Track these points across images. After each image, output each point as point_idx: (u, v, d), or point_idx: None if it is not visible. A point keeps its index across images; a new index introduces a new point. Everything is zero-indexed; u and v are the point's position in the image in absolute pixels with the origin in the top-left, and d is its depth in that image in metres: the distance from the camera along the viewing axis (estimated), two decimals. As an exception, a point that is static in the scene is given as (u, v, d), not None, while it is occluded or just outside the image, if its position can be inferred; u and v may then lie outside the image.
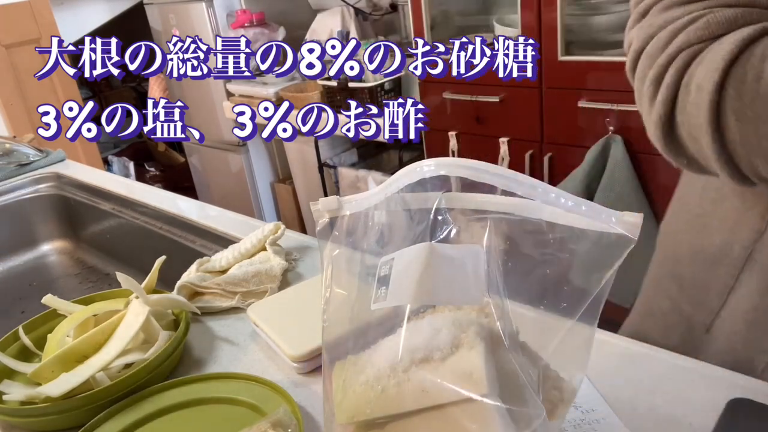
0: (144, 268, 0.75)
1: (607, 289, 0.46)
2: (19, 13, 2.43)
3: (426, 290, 0.43)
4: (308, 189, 2.63)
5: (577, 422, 0.50)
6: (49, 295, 0.70)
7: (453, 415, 0.39)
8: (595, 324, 0.47)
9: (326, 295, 0.47)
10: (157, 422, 0.57)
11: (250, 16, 2.53)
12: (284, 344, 0.62)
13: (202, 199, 3.15)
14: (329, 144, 2.43)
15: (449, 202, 0.46)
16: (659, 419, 0.51)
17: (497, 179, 0.44)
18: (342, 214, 0.48)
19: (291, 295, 0.72)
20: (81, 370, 0.60)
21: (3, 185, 1.31)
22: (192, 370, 0.66)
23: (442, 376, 0.40)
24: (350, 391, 0.43)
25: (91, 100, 3.21)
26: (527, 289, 0.47)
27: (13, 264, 1.27)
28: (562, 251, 0.45)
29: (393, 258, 0.46)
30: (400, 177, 0.46)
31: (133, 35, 1.10)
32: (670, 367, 0.56)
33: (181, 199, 1.16)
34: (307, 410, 0.57)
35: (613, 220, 0.44)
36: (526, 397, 0.41)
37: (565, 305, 0.46)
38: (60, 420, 0.58)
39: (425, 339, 0.42)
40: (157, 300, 0.68)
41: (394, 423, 0.42)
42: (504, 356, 0.43)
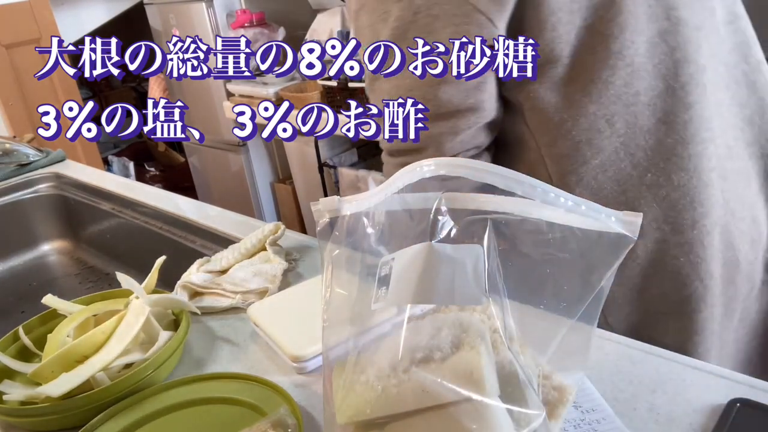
0: (144, 268, 0.75)
1: (606, 288, 0.46)
2: (19, 13, 2.43)
3: (426, 290, 0.43)
4: (308, 189, 2.63)
5: (577, 422, 0.50)
6: (49, 295, 0.70)
7: (453, 415, 0.39)
8: (594, 324, 0.47)
9: (326, 295, 0.47)
10: (157, 422, 0.57)
11: (250, 16, 2.53)
12: (284, 344, 0.62)
13: (202, 199, 3.15)
14: (329, 144, 2.43)
15: (449, 202, 0.46)
16: (659, 419, 0.51)
17: (497, 179, 0.44)
18: (342, 214, 0.48)
19: (291, 295, 0.72)
20: (81, 370, 0.60)
21: (3, 185, 1.31)
22: (192, 370, 0.66)
23: (443, 376, 0.40)
24: (350, 391, 0.43)
25: (91, 100, 3.21)
26: (527, 289, 0.47)
27: (13, 264, 1.27)
28: (562, 251, 0.45)
29: (393, 258, 0.46)
30: (400, 177, 0.47)
31: (133, 35, 1.10)
32: (670, 367, 0.56)
33: (181, 199, 1.16)
34: (307, 410, 0.57)
35: (612, 220, 0.44)
36: (526, 397, 0.41)
37: (565, 305, 0.46)
38: (60, 420, 0.58)
39: (426, 339, 0.43)
40: (157, 300, 0.68)
41: (394, 423, 0.42)
42: (504, 356, 0.43)
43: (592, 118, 0.60)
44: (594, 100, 0.60)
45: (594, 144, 0.61)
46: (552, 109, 0.61)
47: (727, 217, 0.64)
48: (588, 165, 0.62)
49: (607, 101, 0.60)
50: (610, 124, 0.60)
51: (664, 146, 0.61)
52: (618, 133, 0.61)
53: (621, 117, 0.60)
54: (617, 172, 0.62)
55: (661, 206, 0.62)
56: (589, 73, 0.59)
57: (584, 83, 0.60)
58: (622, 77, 0.59)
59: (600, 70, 0.59)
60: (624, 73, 0.59)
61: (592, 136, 0.61)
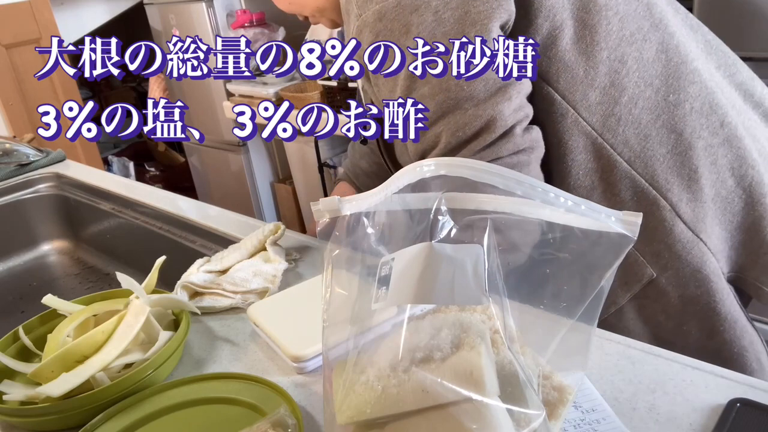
0: (144, 268, 0.75)
1: (606, 288, 0.46)
2: (19, 13, 2.43)
3: (426, 290, 0.43)
4: (308, 189, 2.63)
5: (577, 422, 0.50)
6: (49, 295, 0.70)
7: (453, 415, 0.39)
8: (594, 323, 0.47)
9: (326, 295, 0.47)
10: (157, 422, 0.57)
11: (250, 16, 2.53)
12: (284, 344, 0.62)
13: (202, 199, 3.15)
14: (329, 144, 2.43)
15: (449, 202, 0.46)
16: (659, 419, 0.51)
17: (497, 179, 0.44)
18: (342, 214, 0.48)
19: (291, 295, 0.72)
20: (81, 370, 0.60)
21: (3, 185, 1.31)
22: (192, 370, 0.66)
23: (443, 376, 0.40)
24: (350, 391, 0.43)
25: (91, 100, 3.21)
26: (527, 289, 0.47)
27: (13, 264, 1.27)
28: (562, 251, 0.45)
29: (393, 258, 0.46)
30: (400, 177, 0.47)
31: (133, 35, 1.10)
32: (670, 367, 0.56)
33: (181, 199, 1.16)
34: (307, 410, 0.57)
35: (612, 220, 0.44)
36: (526, 397, 0.41)
37: (564, 305, 0.46)
38: (60, 420, 0.58)
39: (426, 339, 0.43)
40: (157, 300, 0.68)
41: (394, 423, 0.42)
42: (504, 356, 0.43)
43: (607, 62, 0.70)
44: (603, 47, 0.70)
45: (617, 84, 0.70)
46: (574, 64, 0.70)
47: (740, 117, 0.76)
48: (619, 104, 0.71)
49: (614, 45, 0.70)
50: (623, 63, 0.71)
51: (670, 68, 0.72)
52: (632, 69, 0.71)
53: (629, 55, 0.71)
54: (646, 101, 0.71)
55: (690, 117, 0.71)
56: (590, 27, 0.70)
57: (591, 36, 0.70)
58: (615, 23, 0.70)
59: (597, 23, 0.70)
60: (616, 20, 0.71)
61: (613, 77, 0.70)
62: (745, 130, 0.75)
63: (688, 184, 0.71)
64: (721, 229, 0.74)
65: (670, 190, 0.71)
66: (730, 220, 0.74)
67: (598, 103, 0.71)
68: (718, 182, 0.73)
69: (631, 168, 0.71)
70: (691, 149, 0.71)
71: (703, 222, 0.72)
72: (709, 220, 0.73)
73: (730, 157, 0.73)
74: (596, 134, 0.71)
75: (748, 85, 0.81)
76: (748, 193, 0.73)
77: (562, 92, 0.71)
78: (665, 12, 0.75)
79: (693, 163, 0.71)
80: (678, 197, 0.71)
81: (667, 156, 0.71)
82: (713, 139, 0.72)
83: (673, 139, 0.71)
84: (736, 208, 0.74)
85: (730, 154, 0.73)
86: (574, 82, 0.70)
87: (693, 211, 0.72)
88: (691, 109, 0.71)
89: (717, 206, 0.73)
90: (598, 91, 0.70)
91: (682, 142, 0.71)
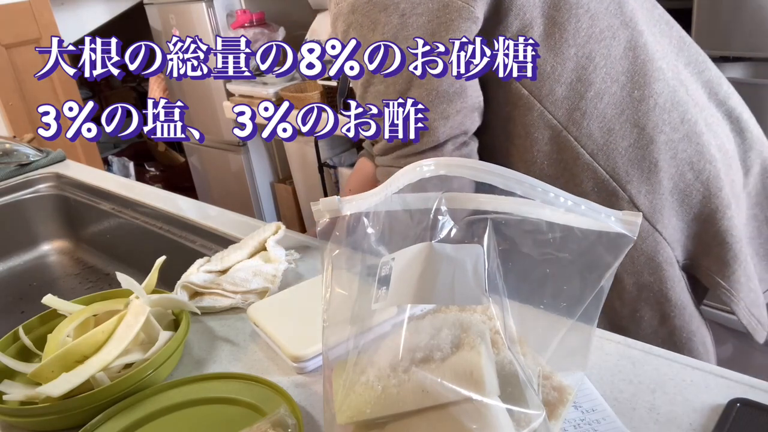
0: (144, 268, 0.75)
1: (606, 288, 0.46)
2: (19, 13, 2.43)
3: (426, 290, 0.43)
4: (308, 189, 2.63)
5: (577, 422, 0.50)
6: (49, 295, 0.70)
7: (453, 415, 0.39)
8: (594, 323, 0.47)
9: (326, 295, 0.47)
10: (157, 422, 0.57)
11: (250, 16, 2.53)
12: (284, 344, 0.62)
13: (202, 199, 3.15)
14: (329, 144, 2.43)
15: (449, 202, 0.46)
16: (659, 419, 0.51)
17: (497, 179, 0.44)
18: (342, 214, 0.48)
19: (291, 295, 0.72)
20: (81, 370, 0.60)
21: (3, 185, 1.31)
22: (192, 370, 0.66)
23: (443, 375, 0.40)
24: (351, 391, 0.43)
25: (91, 100, 3.21)
26: (527, 289, 0.47)
27: (13, 264, 1.27)
28: (561, 251, 0.45)
29: (393, 258, 0.46)
30: (400, 177, 0.47)
31: (133, 35, 1.10)
32: (670, 367, 0.56)
33: (181, 199, 1.16)
34: (307, 410, 0.57)
35: (612, 219, 0.44)
36: (526, 397, 0.41)
37: (564, 305, 0.46)
38: (60, 420, 0.58)
39: (425, 339, 0.43)
40: (157, 300, 0.68)
41: (394, 423, 0.42)
42: (504, 356, 0.43)
43: (575, 58, 0.72)
44: (571, 44, 0.71)
45: (584, 79, 0.72)
46: (541, 61, 0.71)
47: (702, 114, 0.78)
48: (585, 98, 0.72)
49: (582, 42, 0.72)
50: (591, 60, 0.72)
51: (637, 65, 0.73)
52: (599, 65, 0.72)
53: (597, 52, 0.72)
54: (611, 97, 0.73)
55: (653, 113, 0.73)
56: (559, 25, 0.71)
57: (560, 33, 0.71)
58: (586, 21, 0.72)
59: (567, 21, 0.71)
60: (587, 17, 0.72)
61: (580, 73, 0.72)
62: (706, 126, 0.77)
63: (648, 177, 0.73)
64: (678, 219, 0.76)
65: (629, 182, 0.73)
66: (687, 212, 0.76)
67: (564, 98, 0.72)
68: (677, 175, 0.74)
69: (594, 160, 0.73)
70: (652, 143, 0.73)
71: (660, 213, 0.74)
72: (666, 211, 0.75)
73: (689, 151, 0.74)
74: (561, 127, 0.73)
75: (715, 83, 0.83)
76: (706, 186, 0.75)
77: (529, 87, 0.72)
78: (636, 10, 0.76)
79: (653, 156, 0.73)
80: (637, 189, 0.73)
81: (629, 149, 0.73)
82: (674, 134, 0.74)
83: (636, 134, 0.73)
84: (693, 201, 0.75)
85: (689, 148, 0.74)
86: (541, 78, 0.72)
87: (651, 203, 0.74)
88: (654, 104, 0.73)
89: (675, 198, 0.75)
90: (565, 86, 0.72)
91: (644, 137, 0.73)
